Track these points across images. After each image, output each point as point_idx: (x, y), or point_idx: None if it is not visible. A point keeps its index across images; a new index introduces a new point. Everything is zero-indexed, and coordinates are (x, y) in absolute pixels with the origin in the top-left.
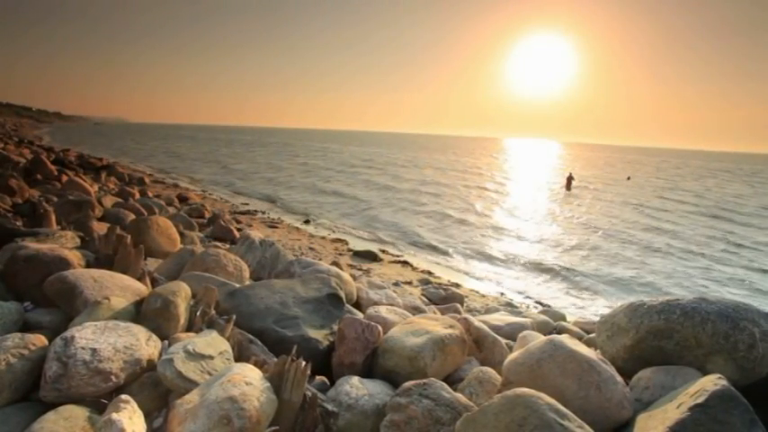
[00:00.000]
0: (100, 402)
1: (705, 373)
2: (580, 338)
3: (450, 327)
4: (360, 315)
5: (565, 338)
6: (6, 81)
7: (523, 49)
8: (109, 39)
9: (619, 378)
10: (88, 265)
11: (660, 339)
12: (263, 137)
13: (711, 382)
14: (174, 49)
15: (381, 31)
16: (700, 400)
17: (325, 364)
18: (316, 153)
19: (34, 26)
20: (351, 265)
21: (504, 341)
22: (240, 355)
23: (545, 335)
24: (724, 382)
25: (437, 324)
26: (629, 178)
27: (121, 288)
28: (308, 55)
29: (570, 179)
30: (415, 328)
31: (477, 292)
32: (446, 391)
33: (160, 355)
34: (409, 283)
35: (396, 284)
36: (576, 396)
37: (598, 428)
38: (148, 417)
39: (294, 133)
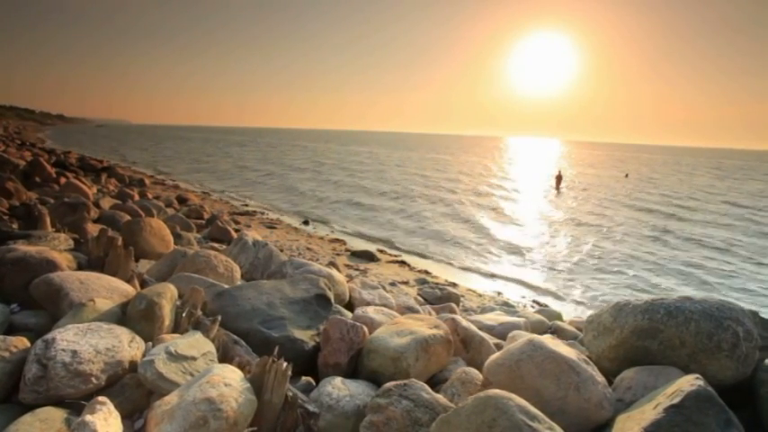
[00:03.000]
0: (80, 404)
1: (689, 372)
2: (575, 338)
3: (436, 327)
4: (349, 315)
5: (545, 339)
6: (9, 84)
7: (525, 48)
8: (110, 41)
9: (600, 378)
10: (80, 267)
11: (644, 339)
12: (256, 137)
13: (688, 383)
14: (176, 51)
15: (382, 30)
16: (675, 401)
17: (312, 365)
18: (303, 152)
19: (35, 28)
20: (348, 266)
21: (496, 341)
22: (225, 356)
23: (539, 334)
24: (700, 383)
25: (422, 324)
26: (626, 176)
27: (108, 290)
28: (309, 55)
29: (559, 178)
30: (400, 329)
31: (475, 292)
32: (426, 391)
33: (143, 356)
34: (406, 282)
35: (392, 284)
36: (554, 397)
37: (577, 429)
38: (130, 418)
39: (293, 133)
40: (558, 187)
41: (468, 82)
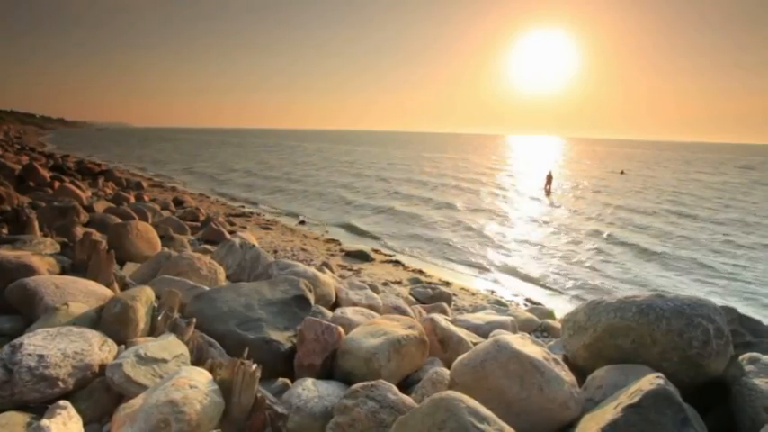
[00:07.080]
0: (46, 408)
1: (661, 371)
2: None
3: (410, 327)
4: (330, 316)
5: (511, 339)
6: (10, 88)
7: (525, 46)
8: (109, 44)
9: (568, 378)
10: (64, 271)
11: (617, 337)
12: (249, 138)
13: (648, 382)
14: (175, 53)
15: (382, 29)
16: (634, 401)
17: (289, 366)
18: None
19: (34, 32)
20: (342, 266)
21: (480, 340)
22: (199, 359)
23: (530, 332)
24: (660, 381)
25: (397, 325)
26: (622, 172)
27: (85, 294)
28: (310, 56)
29: (550, 178)
30: (374, 330)
31: (468, 290)
32: (392, 392)
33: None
34: (399, 282)
35: (385, 284)
36: (517, 397)
37: (542, 429)
38: (99, 422)
39: (291, 134)
40: (548, 187)
41: (469, 80)
